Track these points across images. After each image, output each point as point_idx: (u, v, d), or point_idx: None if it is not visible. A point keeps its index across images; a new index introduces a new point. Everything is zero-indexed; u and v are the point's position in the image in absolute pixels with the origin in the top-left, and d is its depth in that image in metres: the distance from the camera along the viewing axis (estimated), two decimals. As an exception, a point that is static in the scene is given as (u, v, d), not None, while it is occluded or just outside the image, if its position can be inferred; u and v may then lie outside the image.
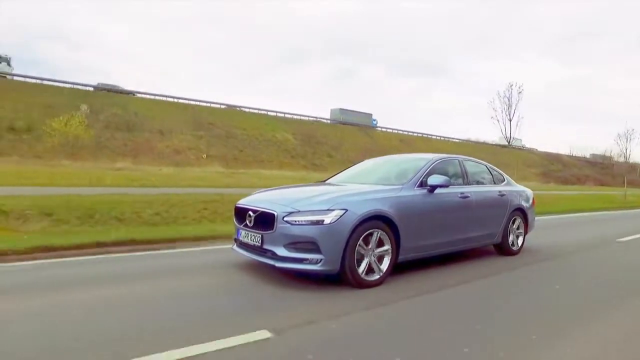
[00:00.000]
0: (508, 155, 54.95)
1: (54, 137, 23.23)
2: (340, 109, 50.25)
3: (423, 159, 4.97)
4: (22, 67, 68.60)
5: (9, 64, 33.31)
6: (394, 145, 45.35)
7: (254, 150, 35.19)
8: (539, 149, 69.01)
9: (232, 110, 42.12)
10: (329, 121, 49.21)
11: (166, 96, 38.72)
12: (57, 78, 33.45)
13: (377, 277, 3.84)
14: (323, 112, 49.21)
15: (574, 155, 70.10)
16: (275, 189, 4.91)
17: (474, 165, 5.57)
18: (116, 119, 30.66)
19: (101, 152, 26.39)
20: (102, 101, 32.15)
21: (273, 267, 3.73)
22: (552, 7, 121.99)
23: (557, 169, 60.24)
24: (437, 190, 4.49)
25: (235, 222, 4.35)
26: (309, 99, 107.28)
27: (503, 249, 5.54)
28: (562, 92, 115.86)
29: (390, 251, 3.93)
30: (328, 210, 3.65)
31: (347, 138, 44.51)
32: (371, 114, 53.41)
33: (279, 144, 38.02)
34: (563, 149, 70.59)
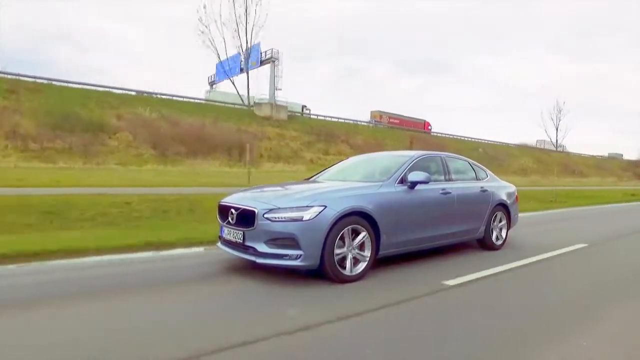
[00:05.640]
0: (610, 163, 61.25)
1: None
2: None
3: (405, 156, 5.05)
4: (32, 69, 67.90)
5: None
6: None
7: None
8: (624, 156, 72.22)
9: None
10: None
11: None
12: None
13: (357, 272, 3.91)
14: (325, 111, 48.08)
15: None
16: (259, 187, 4.98)
17: (456, 162, 5.65)
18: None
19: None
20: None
21: (254, 263, 3.81)
22: (559, 3, 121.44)
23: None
24: (418, 187, 4.56)
25: (219, 220, 4.41)
26: (315, 97, 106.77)
27: (485, 244, 5.63)
28: (570, 88, 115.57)
29: (370, 247, 4.00)
30: (307, 206, 3.72)
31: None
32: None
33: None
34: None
